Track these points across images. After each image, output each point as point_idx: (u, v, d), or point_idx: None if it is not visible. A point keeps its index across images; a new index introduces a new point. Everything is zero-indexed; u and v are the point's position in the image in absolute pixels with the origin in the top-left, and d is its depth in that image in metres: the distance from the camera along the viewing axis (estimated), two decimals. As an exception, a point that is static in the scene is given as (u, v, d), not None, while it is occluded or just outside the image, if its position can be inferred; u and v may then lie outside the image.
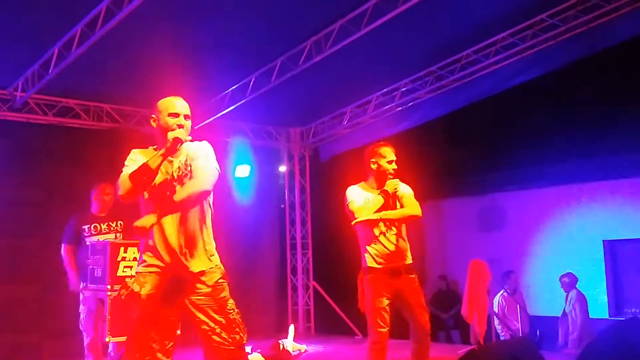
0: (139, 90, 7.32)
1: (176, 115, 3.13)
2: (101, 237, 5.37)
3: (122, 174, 3.08)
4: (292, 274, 9.65)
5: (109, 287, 5.08)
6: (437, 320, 9.33)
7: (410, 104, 8.23)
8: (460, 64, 7.44)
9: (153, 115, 3.20)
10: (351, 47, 6.41)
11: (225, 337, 3.08)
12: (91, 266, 5.29)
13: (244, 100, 7.54)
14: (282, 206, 9.86)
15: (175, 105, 3.16)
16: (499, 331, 7.93)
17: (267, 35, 6.49)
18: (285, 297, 9.54)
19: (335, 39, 6.38)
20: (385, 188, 4.36)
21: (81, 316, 5.30)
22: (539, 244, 10.05)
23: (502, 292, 8.16)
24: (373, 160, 4.47)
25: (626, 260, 9.82)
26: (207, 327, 3.07)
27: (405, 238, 4.49)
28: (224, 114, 7.92)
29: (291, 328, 7.37)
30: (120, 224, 5.52)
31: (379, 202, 4.33)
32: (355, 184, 4.55)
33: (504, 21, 6.82)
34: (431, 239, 11.22)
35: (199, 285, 3.09)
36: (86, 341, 5.27)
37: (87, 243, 5.32)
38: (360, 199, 4.39)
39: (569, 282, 8.04)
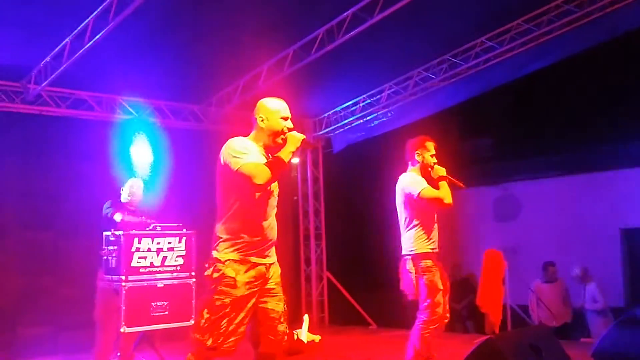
0: (152, 82, 7.32)
1: (286, 118, 3.34)
2: (132, 218, 5.40)
3: (248, 162, 3.11)
4: (306, 264, 9.64)
5: (123, 277, 5.10)
6: (452, 311, 9.26)
7: (423, 93, 8.14)
8: (475, 51, 7.34)
9: (262, 115, 3.35)
10: (363, 36, 6.34)
11: (286, 326, 3.35)
12: (105, 257, 5.30)
13: (256, 92, 7.49)
14: (295, 198, 9.84)
15: (287, 108, 3.38)
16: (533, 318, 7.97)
17: (279, 24, 6.44)
18: (299, 287, 9.53)
19: (347, 27, 6.32)
20: (440, 175, 4.57)
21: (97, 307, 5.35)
22: (555, 233, 9.96)
23: (537, 281, 8.25)
24: (418, 152, 4.66)
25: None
26: (275, 315, 3.30)
27: None
28: (236, 105, 7.88)
29: (305, 318, 7.35)
30: (144, 218, 5.53)
31: (446, 186, 4.56)
32: (405, 172, 4.68)
33: (519, 7, 6.72)
34: (445, 228, 11.16)
35: (271, 275, 3.35)
36: (98, 332, 5.30)
37: (117, 219, 5.35)
38: (425, 184, 4.56)
39: (584, 275, 7.93)
